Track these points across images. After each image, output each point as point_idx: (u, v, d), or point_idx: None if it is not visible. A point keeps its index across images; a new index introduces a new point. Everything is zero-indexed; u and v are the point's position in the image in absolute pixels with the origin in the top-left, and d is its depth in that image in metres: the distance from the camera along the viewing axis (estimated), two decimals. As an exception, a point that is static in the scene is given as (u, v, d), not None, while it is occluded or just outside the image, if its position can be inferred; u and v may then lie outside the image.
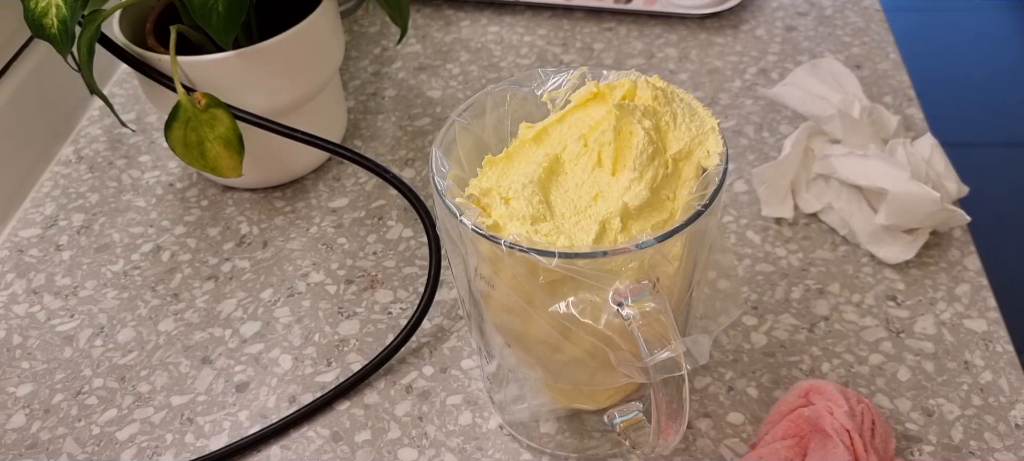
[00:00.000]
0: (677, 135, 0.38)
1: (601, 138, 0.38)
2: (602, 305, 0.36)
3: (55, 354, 0.55)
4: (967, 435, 0.47)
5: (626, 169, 0.37)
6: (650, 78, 0.40)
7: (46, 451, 0.50)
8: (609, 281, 0.35)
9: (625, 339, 0.36)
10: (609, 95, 0.39)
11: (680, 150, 0.38)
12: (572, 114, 0.40)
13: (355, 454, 0.48)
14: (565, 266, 0.35)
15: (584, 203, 0.37)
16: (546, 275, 0.36)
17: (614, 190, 0.37)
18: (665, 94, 0.39)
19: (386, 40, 0.79)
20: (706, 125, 0.39)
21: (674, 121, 0.39)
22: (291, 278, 0.58)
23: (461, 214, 0.37)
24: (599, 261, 0.36)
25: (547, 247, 0.35)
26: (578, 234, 0.36)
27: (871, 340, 0.51)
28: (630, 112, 0.38)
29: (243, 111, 0.56)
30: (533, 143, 0.40)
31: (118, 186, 0.67)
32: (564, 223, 0.37)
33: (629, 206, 0.37)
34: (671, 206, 0.38)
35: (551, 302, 0.36)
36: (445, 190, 0.38)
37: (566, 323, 0.36)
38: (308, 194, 0.64)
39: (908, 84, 0.69)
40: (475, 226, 0.37)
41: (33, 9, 0.52)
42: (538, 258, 0.35)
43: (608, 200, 0.37)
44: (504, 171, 0.39)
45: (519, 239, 0.36)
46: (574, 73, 0.42)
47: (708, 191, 0.37)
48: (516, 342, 0.42)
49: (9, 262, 0.61)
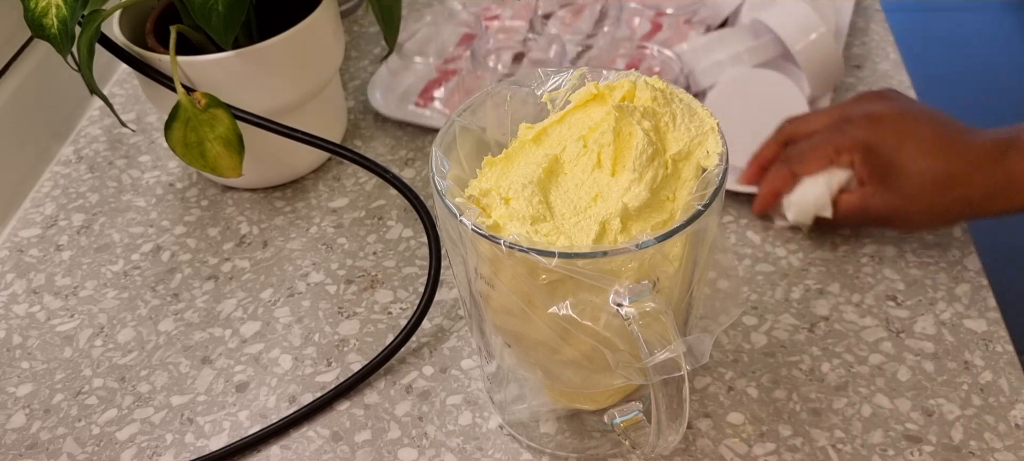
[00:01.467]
0: (676, 136, 0.38)
1: (601, 139, 0.38)
2: (602, 305, 0.36)
3: (55, 354, 0.55)
4: (967, 435, 0.47)
5: (626, 170, 0.37)
6: (650, 79, 0.40)
7: (46, 451, 0.50)
8: (609, 281, 0.35)
9: (625, 340, 0.36)
10: (609, 96, 0.39)
11: (679, 151, 0.38)
12: (572, 115, 0.40)
13: (355, 454, 0.48)
14: (565, 266, 0.35)
15: (584, 203, 0.37)
16: (546, 275, 0.36)
17: (614, 191, 0.37)
18: (664, 95, 0.39)
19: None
20: (705, 125, 0.39)
21: (673, 122, 0.39)
22: (291, 278, 0.58)
23: (461, 214, 0.37)
24: (599, 261, 0.36)
25: (547, 247, 0.35)
26: (578, 234, 0.36)
27: (871, 340, 0.51)
28: (629, 113, 0.38)
29: (243, 111, 0.56)
30: (533, 144, 0.40)
31: (118, 186, 0.67)
32: (564, 223, 0.37)
33: (629, 207, 0.37)
34: (671, 206, 0.38)
35: (551, 302, 0.36)
36: (445, 190, 0.38)
37: (565, 324, 0.36)
38: (308, 194, 0.64)
39: (908, 84, 0.69)
40: (475, 226, 0.37)
41: (33, 9, 0.52)
42: (538, 258, 0.35)
43: (608, 201, 0.37)
44: (504, 172, 0.39)
45: (519, 239, 0.36)
46: (574, 73, 0.42)
47: (708, 191, 0.37)
48: (516, 342, 0.42)
49: (9, 262, 0.61)
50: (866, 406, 0.48)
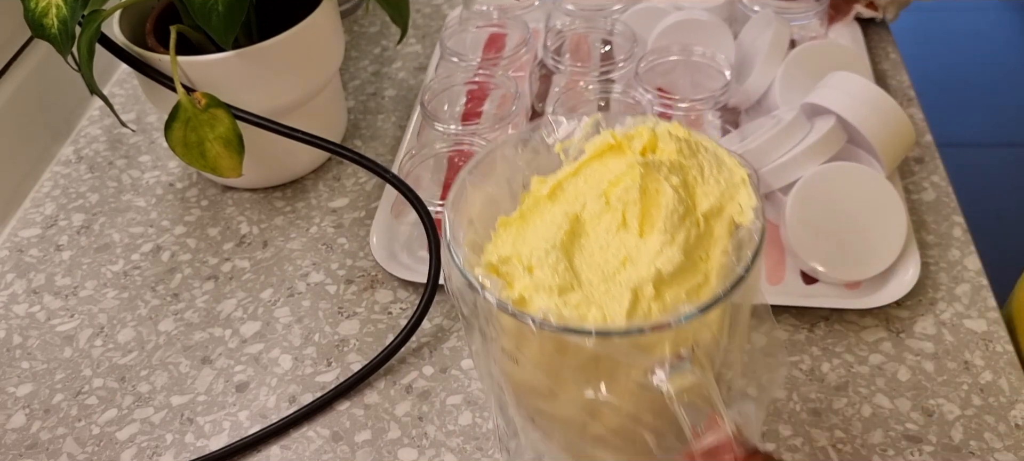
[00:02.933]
0: (706, 190, 0.36)
1: (625, 197, 0.35)
2: (636, 378, 0.33)
3: (55, 354, 0.55)
4: (967, 435, 0.47)
5: (655, 231, 0.34)
6: (671, 126, 0.37)
7: (46, 451, 0.50)
8: (647, 358, 0.33)
9: (662, 415, 0.33)
10: (627, 146, 0.37)
11: (711, 207, 0.35)
12: (587, 166, 0.37)
13: (355, 454, 0.48)
14: (602, 345, 0.32)
15: (612, 268, 0.34)
16: (577, 353, 0.33)
17: (644, 254, 0.34)
18: (689, 145, 0.36)
19: (386, 40, 0.79)
20: (735, 176, 0.36)
21: (702, 175, 0.36)
22: (291, 278, 0.58)
23: (483, 289, 0.34)
24: (637, 337, 0.33)
25: (579, 323, 0.32)
26: (610, 303, 0.33)
27: (871, 340, 0.51)
28: (656, 169, 0.35)
29: (243, 111, 0.56)
30: (548, 200, 0.37)
31: (118, 186, 0.67)
32: (593, 292, 0.34)
33: (663, 272, 0.33)
34: (705, 267, 0.35)
35: (581, 377, 0.34)
36: (463, 262, 0.35)
37: (599, 405, 0.34)
38: (308, 194, 0.64)
39: (908, 84, 0.69)
40: (500, 302, 0.33)
41: (33, 9, 0.52)
42: (573, 338, 0.32)
43: (638, 265, 0.34)
44: (520, 232, 0.36)
45: (549, 315, 0.33)
46: (587, 120, 0.39)
47: (746, 251, 0.34)
48: (540, 417, 0.39)
49: (9, 262, 0.61)
50: (866, 406, 0.48)
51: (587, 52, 0.69)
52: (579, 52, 0.68)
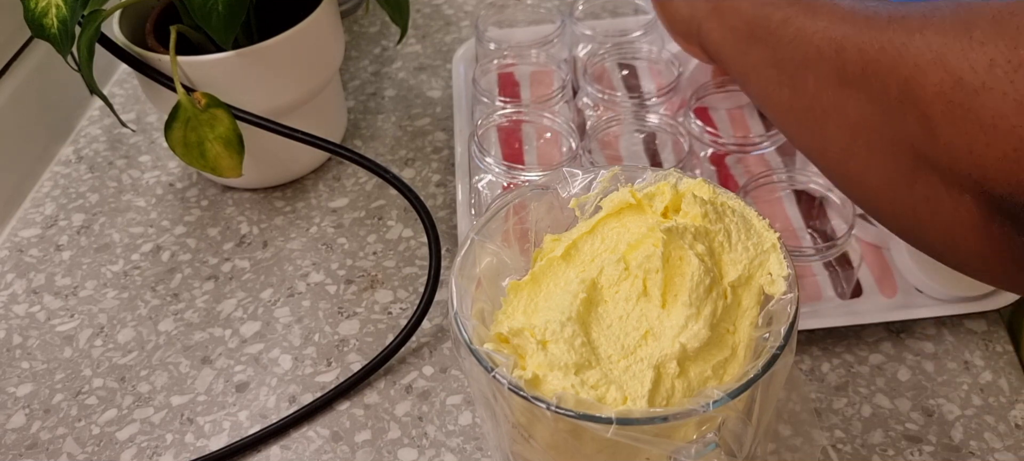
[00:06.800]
0: (733, 257, 0.33)
1: (647, 265, 0.32)
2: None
3: (55, 354, 0.55)
4: (967, 435, 0.47)
5: (679, 303, 0.32)
6: (695, 185, 0.35)
7: (46, 451, 0.50)
8: (670, 443, 0.31)
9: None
10: (647, 206, 0.35)
11: (739, 276, 0.33)
12: (604, 225, 0.35)
13: (355, 454, 0.48)
14: (623, 433, 0.30)
15: (633, 342, 0.32)
16: (594, 437, 0.31)
17: (667, 327, 0.32)
18: (715, 208, 0.34)
19: (386, 40, 0.79)
20: (765, 243, 0.34)
21: (729, 241, 0.34)
22: (291, 278, 0.58)
23: (493, 368, 0.31)
24: (660, 425, 0.31)
25: (598, 407, 0.30)
26: (630, 382, 0.31)
27: (871, 340, 0.51)
28: (680, 236, 0.32)
29: (243, 111, 0.56)
30: (562, 261, 0.34)
31: (118, 186, 0.67)
32: (612, 369, 0.32)
33: (688, 348, 0.31)
34: (732, 341, 0.33)
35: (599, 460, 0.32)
36: (472, 337, 0.33)
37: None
38: (308, 194, 0.64)
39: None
40: (512, 384, 0.31)
41: (33, 9, 0.52)
42: (592, 426, 0.30)
43: (661, 340, 0.32)
44: (531, 297, 0.34)
45: (565, 399, 0.30)
46: (605, 174, 0.37)
47: (778, 325, 0.32)
48: None
49: (9, 262, 0.61)
50: (866, 406, 0.48)
51: (609, 79, 0.65)
52: (602, 80, 0.64)
